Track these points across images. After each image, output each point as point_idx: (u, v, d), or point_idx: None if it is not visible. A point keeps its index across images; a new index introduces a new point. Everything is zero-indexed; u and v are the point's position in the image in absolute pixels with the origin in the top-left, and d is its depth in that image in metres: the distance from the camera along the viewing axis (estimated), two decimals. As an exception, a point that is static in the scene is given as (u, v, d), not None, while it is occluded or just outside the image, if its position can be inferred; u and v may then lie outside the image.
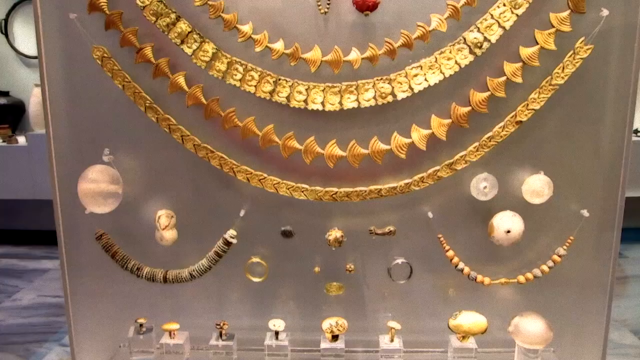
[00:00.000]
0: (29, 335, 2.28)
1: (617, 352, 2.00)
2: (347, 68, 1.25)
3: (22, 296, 2.69)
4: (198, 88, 1.27)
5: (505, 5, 1.21)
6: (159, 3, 1.23)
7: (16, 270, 3.07)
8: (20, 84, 3.74)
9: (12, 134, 3.37)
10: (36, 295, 2.70)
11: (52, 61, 1.31)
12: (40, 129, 3.47)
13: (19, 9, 3.71)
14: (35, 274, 3.00)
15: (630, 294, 2.63)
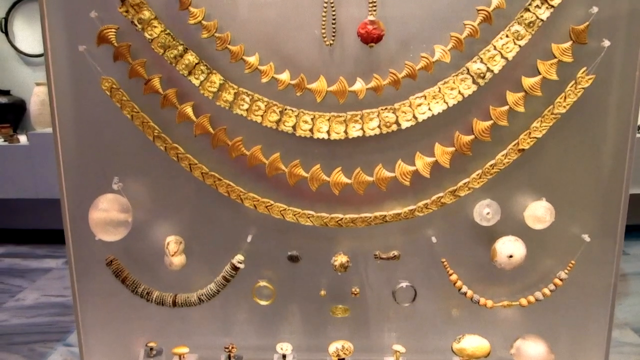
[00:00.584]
0: (33, 335, 2.28)
1: (619, 351, 1.99)
2: (352, 97, 1.27)
3: (25, 296, 2.70)
4: (205, 118, 1.29)
5: (507, 37, 1.23)
6: (166, 36, 1.25)
7: (19, 270, 3.08)
8: (21, 83, 3.74)
9: (13, 133, 3.36)
10: (39, 295, 2.70)
11: (62, 91, 1.34)
12: (41, 127, 3.47)
13: (19, 7, 3.70)
14: (38, 273, 3.01)
15: (632, 292, 2.62)
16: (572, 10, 1.23)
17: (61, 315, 2.46)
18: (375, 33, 1.21)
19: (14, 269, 3.09)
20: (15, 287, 2.81)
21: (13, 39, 3.76)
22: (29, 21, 3.70)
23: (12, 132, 3.37)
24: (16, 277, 2.96)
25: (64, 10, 1.30)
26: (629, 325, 2.22)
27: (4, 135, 3.32)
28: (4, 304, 2.60)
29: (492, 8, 1.21)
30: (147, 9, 1.24)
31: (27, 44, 3.71)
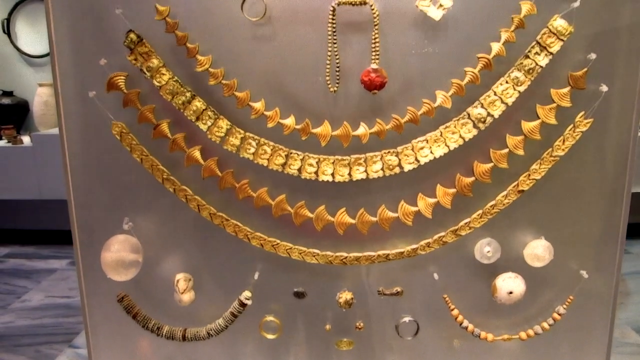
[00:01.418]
0: (39, 337, 2.32)
1: (620, 351, 1.99)
2: (356, 140, 1.30)
3: (31, 297, 2.73)
4: (213, 161, 1.33)
5: (507, 83, 1.25)
6: (174, 83, 1.28)
7: (24, 271, 3.12)
8: (23, 84, 3.77)
9: (16, 135, 3.38)
10: (45, 296, 2.74)
11: (73, 135, 1.37)
12: (44, 128, 3.50)
13: (20, 8, 3.72)
14: (43, 274, 3.05)
15: (633, 291, 2.64)
16: (570, 56, 1.26)
17: (67, 317, 2.49)
18: (378, 80, 1.24)
19: (19, 270, 3.13)
20: (21, 288, 2.86)
21: (15, 39, 3.77)
22: (31, 22, 3.72)
23: (16, 134, 3.38)
24: (21, 277, 3.01)
25: (74, 57, 1.33)
26: (630, 325, 2.20)
27: (8, 136, 3.33)
28: (9, 305, 2.64)
29: (492, 55, 1.24)
30: (155, 57, 1.27)
31: (30, 45, 3.73)
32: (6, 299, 2.70)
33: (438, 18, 1.22)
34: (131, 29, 1.26)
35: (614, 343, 1.49)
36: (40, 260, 3.27)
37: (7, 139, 3.33)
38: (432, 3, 1.22)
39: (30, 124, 3.71)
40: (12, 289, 2.84)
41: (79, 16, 1.30)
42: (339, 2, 1.22)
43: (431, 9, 1.22)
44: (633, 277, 2.83)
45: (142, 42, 1.26)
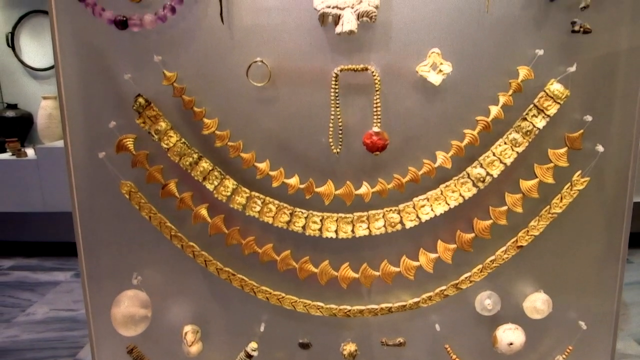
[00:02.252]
0: (43, 351, 2.32)
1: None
2: (359, 198, 1.33)
3: (35, 310, 2.73)
4: (219, 219, 1.36)
5: (506, 144, 1.29)
6: (182, 145, 1.32)
7: (29, 283, 3.12)
8: (27, 96, 3.80)
9: (21, 148, 3.40)
10: (49, 309, 2.74)
11: (83, 194, 1.41)
12: (48, 141, 3.52)
13: (25, 22, 3.76)
14: (48, 287, 3.05)
15: (635, 302, 2.61)
16: (567, 116, 1.29)
17: (71, 330, 2.50)
18: (380, 143, 1.28)
19: (24, 283, 3.13)
20: (25, 301, 2.86)
21: (20, 53, 3.81)
22: (35, 35, 3.75)
23: (20, 146, 3.39)
24: (26, 290, 3.01)
25: (84, 118, 1.37)
26: (632, 337, 2.18)
27: (12, 149, 3.34)
28: (14, 318, 2.64)
29: (491, 118, 1.27)
30: (163, 121, 1.31)
31: (34, 58, 3.77)
32: (11, 312, 2.71)
33: (438, 83, 1.25)
34: (139, 93, 1.30)
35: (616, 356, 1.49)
36: (44, 272, 3.27)
37: (12, 151, 3.34)
38: (432, 68, 1.26)
39: (34, 137, 3.73)
40: (17, 302, 2.85)
41: (90, 80, 1.34)
42: (342, 68, 1.26)
43: (431, 75, 1.26)
44: (635, 287, 2.78)
45: (150, 106, 1.30)
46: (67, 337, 2.44)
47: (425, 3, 1.24)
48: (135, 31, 1.25)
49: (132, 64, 1.31)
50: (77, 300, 2.82)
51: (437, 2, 1.24)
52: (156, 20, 1.24)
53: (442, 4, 1.24)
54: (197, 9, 1.26)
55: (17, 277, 3.24)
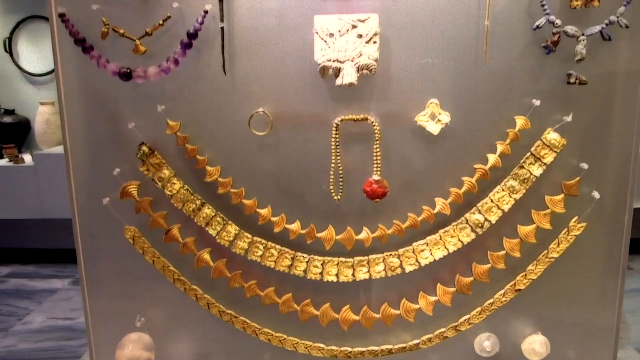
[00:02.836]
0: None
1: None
2: (359, 243, 1.36)
3: (33, 319, 2.70)
4: (222, 263, 1.38)
5: (504, 191, 1.31)
6: (185, 192, 1.34)
7: (26, 291, 3.09)
8: (25, 102, 3.79)
9: (18, 154, 3.38)
10: (47, 318, 2.71)
11: (88, 241, 1.43)
12: (46, 147, 3.51)
13: (23, 27, 3.76)
14: (45, 295, 3.03)
15: (635, 310, 2.59)
16: (564, 163, 1.31)
17: (68, 340, 2.47)
18: (380, 191, 1.30)
19: (21, 291, 3.11)
20: (22, 309, 2.83)
21: (17, 58, 3.82)
22: (33, 41, 3.76)
23: (18, 153, 3.38)
24: (23, 299, 2.98)
25: (89, 166, 1.39)
26: (632, 345, 2.17)
27: (10, 155, 3.32)
28: (12, 327, 2.61)
29: (489, 166, 1.30)
30: (166, 168, 1.33)
31: (32, 64, 3.78)
32: (8, 322, 2.68)
33: (437, 133, 1.28)
34: (143, 141, 1.32)
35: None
36: (42, 280, 3.24)
37: (9, 158, 3.32)
38: (431, 118, 1.28)
39: (32, 143, 3.72)
40: (14, 310, 2.82)
41: (94, 126, 1.37)
42: (342, 119, 1.28)
43: (430, 124, 1.28)
44: (635, 294, 2.77)
45: (154, 154, 1.33)
46: (65, 347, 2.41)
47: (424, 55, 1.27)
48: (140, 83, 1.28)
49: (136, 111, 1.34)
50: (75, 309, 2.80)
51: (435, 53, 1.27)
52: (160, 73, 1.26)
53: (441, 56, 1.27)
54: (200, 61, 1.29)
55: (15, 284, 3.21)
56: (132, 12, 1.27)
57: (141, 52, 1.26)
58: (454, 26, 1.25)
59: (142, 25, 1.27)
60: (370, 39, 1.22)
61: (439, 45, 1.26)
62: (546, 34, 1.23)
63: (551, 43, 1.22)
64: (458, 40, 1.26)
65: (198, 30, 1.24)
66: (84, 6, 1.27)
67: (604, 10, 1.21)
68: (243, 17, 1.26)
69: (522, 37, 1.25)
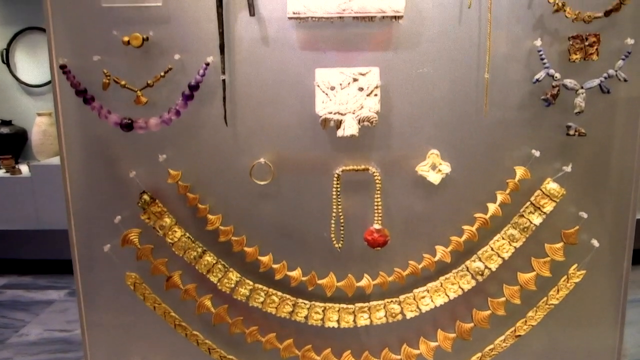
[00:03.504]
0: None
1: None
2: (360, 289, 1.36)
3: (29, 331, 2.69)
4: (223, 309, 1.38)
5: (504, 239, 1.32)
6: (186, 239, 1.34)
7: (22, 302, 3.08)
8: (22, 113, 3.79)
9: (15, 165, 3.36)
10: (43, 330, 2.70)
11: (89, 288, 1.43)
12: (43, 157, 3.50)
13: (20, 38, 3.77)
14: (41, 306, 3.01)
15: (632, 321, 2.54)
16: (563, 211, 1.32)
17: (65, 352, 2.45)
18: (381, 240, 1.31)
19: (17, 302, 3.09)
20: (18, 321, 2.82)
21: (14, 69, 3.82)
22: (30, 52, 3.76)
23: (14, 164, 3.37)
24: (19, 310, 2.97)
25: (88, 212, 1.39)
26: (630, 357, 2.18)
27: (6, 166, 3.31)
28: (7, 339, 2.60)
29: (489, 215, 1.30)
30: (167, 217, 1.33)
31: (29, 75, 3.77)
32: (4, 333, 2.66)
33: (437, 182, 1.28)
34: (144, 190, 1.33)
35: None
36: (38, 291, 3.23)
37: (6, 168, 3.30)
38: (431, 168, 1.29)
39: (29, 153, 3.72)
40: (10, 322, 2.81)
41: (94, 174, 1.37)
42: (343, 169, 1.29)
43: (430, 174, 1.29)
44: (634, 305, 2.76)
45: (155, 202, 1.33)
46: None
47: (425, 106, 1.28)
48: (141, 133, 1.28)
49: (136, 159, 1.34)
50: (71, 321, 2.78)
51: (436, 105, 1.27)
52: (161, 124, 1.27)
53: (441, 107, 1.28)
54: (202, 111, 1.29)
55: (11, 295, 3.20)
56: (133, 62, 1.27)
57: (142, 102, 1.26)
58: (454, 78, 1.26)
59: (144, 74, 1.27)
60: (371, 92, 1.23)
61: (439, 96, 1.27)
62: (545, 86, 1.24)
63: (550, 96, 1.23)
64: (458, 91, 1.27)
65: (199, 82, 1.24)
66: (85, 57, 1.27)
67: (603, 62, 1.22)
68: (244, 69, 1.27)
69: (521, 89, 1.26)
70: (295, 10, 1.18)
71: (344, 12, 1.18)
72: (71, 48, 1.28)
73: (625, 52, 1.21)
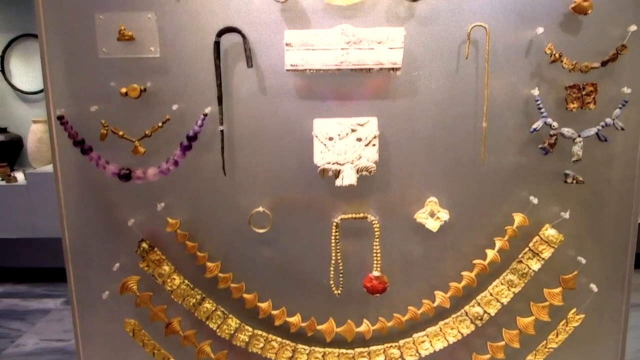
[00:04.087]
0: None
1: None
2: (360, 335, 1.36)
3: (25, 341, 2.68)
4: (223, 355, 1.38)
5: (502, 284, 1.32)
6: (185, 287, 1.34)
7: (18, 312, 3.07)
8: (17, 120, 3.78)
9: (10, 173, 3.35)
10: (39, 340, 2.69)
11: (87, 332, 1.43)
12: (38, 165, 3.49)
13: (15, 45, 3.76)
14: (38, 315, 3.00)
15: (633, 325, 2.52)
16: (562, 254, 1.33)
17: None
18: (380, 287, 1.31)
19: (14, 311, 3.08)
20: (15, 331, 2.81)
21: (9, 76, 3.81)
22: (26, 59, 3.75)
23: (10, 171, 3.35)
24: (16, 319, 2.96)
25: (87, 260, 1.39)
26: None
27: (2, 174, 3.29)
28: (4, 350, 2.59)
29: (488, 262, 1.31)
30: (166, 264, 1.33)
31: (24, 82, 3.77)
32: (0, 344, 2.65)
33: (435, 229, 1.29)
34: (143, 238, 1.32)
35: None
36: (34, 299, 3.21)
37: (1, 176, 3.29)
38: (430, 216, 1.29)
39: (24, 160, 3.71)
40: (6, 332, 2.80)
41: (92, 222, 1.36)
42: (342, 217, 1.29)
43: (429, 222, 1.29)
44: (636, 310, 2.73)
45: (154, 250, 1.32)
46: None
47: (423, 154, 1.28)
48: (139, 183, 1.28)
49: (135, 207, 1.34)
50: (68, 330, 2.76)
51: (434, 153, 1.28)
52: (159, 174, 1.26)
53: (439, 155, 1.28)
54: (200, 160, 1.29)
55: (7, 304, 3.18)
56: (131, 112, 1.27)
57: (140, 153, 1.26)
58: (452, 126, 1.26)
59: (142, 124, 1.27)
60: (370, 142, 1.23)
61: (437, 144, 1.27)
62: (543, 133, 1.24)
63: (548, 145, 1.23)
64: (456, 139, 1.27)
65: (197, 133, 1.24)
66: (83, 106, 1.27)
67: (600, 108, 1.23)
68: (242, 119, 1.27)
69: (519, 137, 1.27)
70: (293, 62, 1.19)
71: (341, 64, 1.18)
72: (69, 98, 1.28)
73: (622, 100, 1.22)
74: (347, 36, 1.17)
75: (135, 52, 1.23)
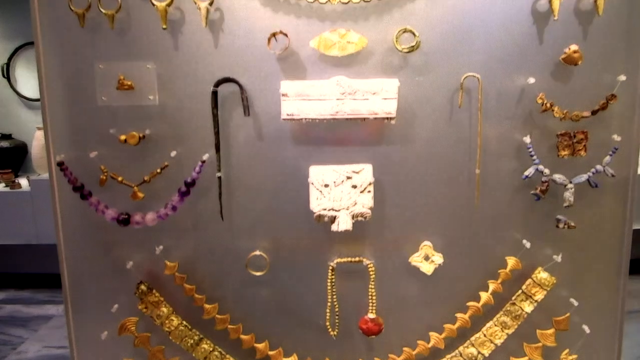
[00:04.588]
0: None
1: None
2: (356, 373, 1.38)
3: (27, 348, 2.67)
4: (221, 395, 1.40)
5: (496, 326, 1.34)
6: (183, 328, 1.35)
7: (21, 318, 3.07)
8: (22, 126, 3.79)
9: (14, 179, 3.34)
10: (41, 347, 2.68)
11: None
12: (43, 171, 3.49)
13: (20, 53, 3.78)
14: (40, 322, 3.00)
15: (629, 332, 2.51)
16: (555, 295, 1.34)
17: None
18: (375, 329, 1.33)
19: (16, 317, 3.09)
20: (17, 337, 2.81)
21: (15, 83, 3.83)
22: (31, 66, 3.78)
23: (14, 178, 3.35)
24: (18, 326, 2.96)
25: (85, 302, 1.40)
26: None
27: (6, 181, 3.30)
28: (5, 357, 2.58)
29: (481, 304, 1.33)
30: (164, 306, 1.35)
31: (29, 89, 3.80)
32: (2, 351, 2.64)
33: (430, 272, 1.31)
34: (141, 280, 1.34)
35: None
36: (37, 306, 3.22)
37: (5, 183, 3.30)
38: (424, 259, 1.31)
39: (29, 167, 3.72)
40: (9, 339, 2.79)
41: (92, 261, 1.38)
42: (338, 261, 1.31)
43: (424, 265, 1.31)
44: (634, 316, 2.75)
45: (152, 292, 1.34)
46: (59, 379, 2.38)
47: (417, 199, 1.30)
48: (137, 227, 1.30)
49: (134, 249, 1.35)
50: None
51: (428, 198, 1.30)
52: (157, 219, 1.28)
53: (434, 200, 1.30)
54: (198, 205, 1.31)
55: (9, 310, 3.17)
56: (130, 158, 1.29)
57: (139, 198, 1.28)
58: (445, 173, 1.28)
59: (140, 170, 1.29)
60: (365, 189, 1.25)
61: (431, 189, 1.30)
62: (535, 180, 1.26)
63: (540, 191, 1.25)
64: (450, 185, 1.29)
65: (195, 179, 1.26)
66: (83, 152, 1.29)
67: (591, 153, 1.25)
68: (240, 165, 1.29)
69: (511, 183, 1.29)
70: (289, 112, 1.21)
71: (337, 114, 1.21)
72: (69, 144, 1.30)
73: (613, 148, 1.24)
74: (342, 87, 1.19)
75: (134, 100, 1.25)
